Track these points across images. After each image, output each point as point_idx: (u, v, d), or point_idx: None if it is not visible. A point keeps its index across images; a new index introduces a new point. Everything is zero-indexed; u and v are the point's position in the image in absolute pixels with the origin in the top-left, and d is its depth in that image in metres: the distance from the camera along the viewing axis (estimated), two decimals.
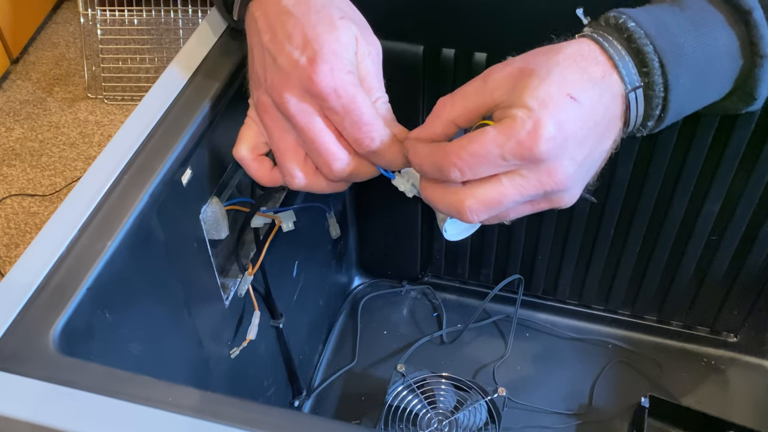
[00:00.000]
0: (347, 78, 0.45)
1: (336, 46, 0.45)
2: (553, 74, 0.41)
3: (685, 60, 0.43)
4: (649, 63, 0.42)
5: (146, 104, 0.55)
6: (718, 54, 0.44)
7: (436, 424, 0.79)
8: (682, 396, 0.87)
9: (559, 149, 0.41)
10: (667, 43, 0.43)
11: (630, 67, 0.43)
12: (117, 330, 0.47)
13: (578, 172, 0.43)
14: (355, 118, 0.46)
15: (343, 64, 0.45)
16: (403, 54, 0.71)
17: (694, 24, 0.44)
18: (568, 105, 0.41)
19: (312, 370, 0.92)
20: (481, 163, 0.41)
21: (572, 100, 0.41)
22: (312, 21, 0.46)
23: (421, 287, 1.00)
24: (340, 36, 0.46)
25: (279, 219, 0.65)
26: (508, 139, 0.40)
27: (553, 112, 0.40)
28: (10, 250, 1.51)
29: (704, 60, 0.44)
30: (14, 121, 1.83)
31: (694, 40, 0.43)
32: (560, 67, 0.42)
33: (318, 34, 0.45)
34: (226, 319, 0.65)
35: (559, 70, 0.42)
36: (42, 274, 0.44)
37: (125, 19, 1.89)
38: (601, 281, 0.89)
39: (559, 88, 0.41)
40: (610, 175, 0.75)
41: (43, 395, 0.39)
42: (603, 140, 0.44)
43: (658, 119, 0.45)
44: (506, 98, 0.42)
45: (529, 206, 0.45)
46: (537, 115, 0.40)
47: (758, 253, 0.78)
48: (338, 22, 0.46)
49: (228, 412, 0.38)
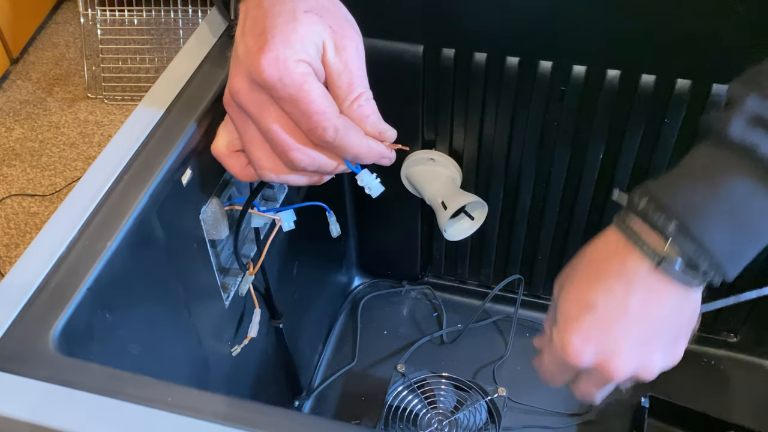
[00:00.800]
0: (295, 66, 0.44)
1: (291, 36, 0.44)
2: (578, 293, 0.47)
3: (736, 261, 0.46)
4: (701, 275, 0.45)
5: (146, 104, 0.55)
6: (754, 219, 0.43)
7: (436, 424, 0.79)
8: (682, 396, 0.87)
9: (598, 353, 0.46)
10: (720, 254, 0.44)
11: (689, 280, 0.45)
12: (117, 330, 0.47)
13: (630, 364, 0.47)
14: (303, 107, 0.44)
15: (293, 53, 0.44)
16: (403, 54, 0.71)
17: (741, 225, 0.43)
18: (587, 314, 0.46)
19: (312, 370, 0.92)
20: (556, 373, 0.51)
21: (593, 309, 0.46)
22: (275, 13, 0.45)
23: (421, 287, 1.00)
24: (298, 27, 0.44)
25: (279, 219, 0.65)
26: (551, 354, 0.50)
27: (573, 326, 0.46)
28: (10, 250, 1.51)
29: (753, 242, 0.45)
30: (14, 121, 1.83)
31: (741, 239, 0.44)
32: (588, 279, 0.46)
33: (275, 24, 0.44)
34: (226, 319, 0.65)
35: (578, 281, 0.47)
36: (42, 274, 0.44)
37: (125, 19, 1.89)
38: None
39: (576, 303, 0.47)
40: (611, 175, 0.75)
41: (43, 395, 0.39)
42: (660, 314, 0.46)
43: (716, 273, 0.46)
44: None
45: None
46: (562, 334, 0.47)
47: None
48: (301, 15, 0.45)
49: (228, 412, 0.38)
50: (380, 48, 0.71)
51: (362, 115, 0.47)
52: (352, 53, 0.46)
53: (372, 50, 0.70)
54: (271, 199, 0.69)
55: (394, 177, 0.81)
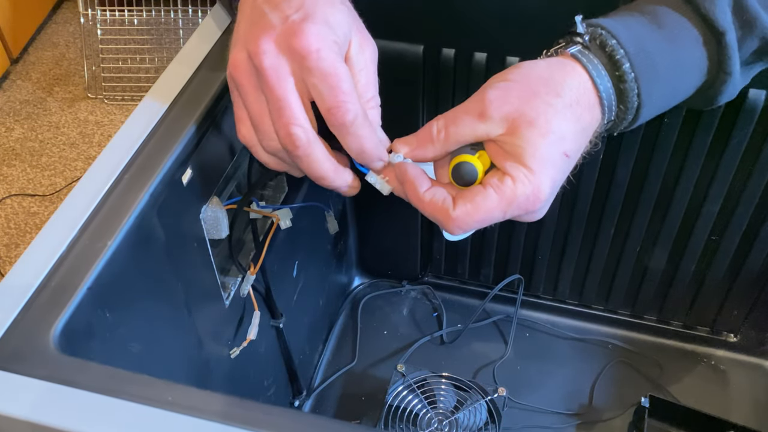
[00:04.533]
0: (333, 47, 0.43)
1: (330, 18, 0.44)
2: (553, 130, 0.43)
3: (659, 80, 0.46)
4: (629, 95, 0.45)
5: (146, 104, 0.55)
6: (689, 70, 0.47)
7: (436, 424, 0.79)
8: (682, 396, 0.87)
9: (548, 200, 0.45)
10: (645, 67, 0.45)
11: (613, 105, 0.46)
12: (117, 329, 0.47)
13: (553, 194, 0.46)
14: (334, 84, 0.43)
15: (334, 34, 0.44)
16: (403, 54, 0.71)
17: (672, 43, 0.45)
18: (563, 163, 0.44)
19: (312, 370, 0.92)
20: (484, 224, 0.45)
21: (566, 157, 0.44)
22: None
23: (421, 287, 1.00)
24: (336, 14, 0.45)
25: (276, 216, 0.65)
26: (510, 205, 0.44)
27: (550, 173, 0.44)
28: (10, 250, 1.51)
29: (676, 77, 0.46)
30: (14, 121, 1.83)
31: (669, 61, 0.46)
32: (559, 119, 0.44)
33: (316, 3, 0.44)
34: (226, 319, 0.65)
35: (558, 123, 0.44)
36: (42, 274, 0.44)
37: (125, 19, 1.89)
38: (601, 281, 0.89)
39: (557, 148, 0.44)
40: (611, 175, 0.75)
41: (43, 395, 0.39)
42: (578, 156, 0.46)
43: (624, 127, 0.49)
44: (503, 140, 0.44)
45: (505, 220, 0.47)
46: (537, 179, 0.43)
47: (758, 253, 0.78)
48: (338, 3, 0.45)
49: (228, 411, 0.38)
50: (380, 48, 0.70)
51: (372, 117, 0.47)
52: (370, 56, 0.47)
53: None
54: (271, 199, 0.69)
55: None
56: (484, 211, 0.44)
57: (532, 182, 0.43)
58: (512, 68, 0.46)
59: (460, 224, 0.45)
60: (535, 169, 0.43)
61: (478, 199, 0.44)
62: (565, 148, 0.44)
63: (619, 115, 0.46)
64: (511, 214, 0.44)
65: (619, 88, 0.45)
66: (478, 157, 0.45)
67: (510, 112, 0.43)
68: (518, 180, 0.43)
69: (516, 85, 0.44)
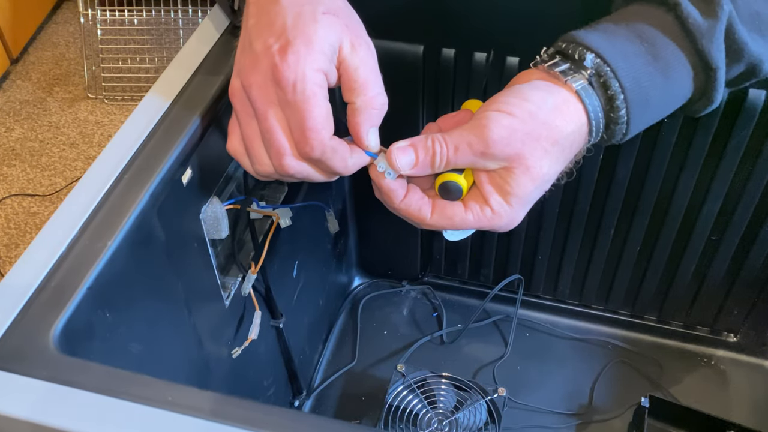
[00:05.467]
0: (311, 74, 0.44)
1: (312, 38, 0.45)
2: (543, 176, 0.47)
3: (648, 111, 0.48)
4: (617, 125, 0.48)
5: (146, 104, 0.55)
6: (676, 99, 0.49)
7: (436, 424, 0.79)
8: (682, 396, 0.87)
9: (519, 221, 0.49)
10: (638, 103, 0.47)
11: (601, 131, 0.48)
12: (117, 329, 0.47)
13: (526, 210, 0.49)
14: (300, 119, 0.45)
15: (314, 58, 0.45)
16: (403, 54, 0.71)
17: (665, 77, 0.47)
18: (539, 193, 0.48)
19: (312, 370, 0.92)
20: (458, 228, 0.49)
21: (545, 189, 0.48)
22: (295, 12, 0.45)
23: (421, 287, 1.00)
24: (319, 29, 0.45)
25: (276, 215, 0.65)
26: (482, 227, 0.48)
27: (527, 208, 0.48)
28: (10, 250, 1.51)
29: (663, 106, 0.49)
30: (14, 121, 1.83)
31: (660, 94, 0.47)
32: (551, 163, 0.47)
33: (296, 25, 0.45)
34: (226, 319, 0.65)
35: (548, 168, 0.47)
36: (42, 274, 0.44)
37: (125, 19, 1.89)
38: (601, 281, 0.89)
39: (541, 190, 0.48)
40: (611, 175, 0.75)
41: (43, 395, 0.39)
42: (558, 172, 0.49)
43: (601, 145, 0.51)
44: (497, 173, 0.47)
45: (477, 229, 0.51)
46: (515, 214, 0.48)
47: (758, 253, 0.78)
48: (320, 16, 0.45)
49: (228, 411, 0.38)
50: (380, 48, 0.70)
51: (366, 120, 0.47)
52: (366, 52, 0.47)
53: None
54: (271, 199, 0.69)
55: None
56: (457, 224, 0.48)
57: (510, 215, 0.48)
58: (517, 100, 0.47)
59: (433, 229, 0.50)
60: (515, 206, 0.47)
61: (456, 217, 0.48)
62: (546, 187, 0.48)
63: (603, 138, 0.49)
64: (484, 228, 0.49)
65: (609, 117, 0.47)
66: (463, 177, 0.48)
67: (510, 154, 0.46)
68: (497, 213, 0.47)
69: (520, 127, 0.46)
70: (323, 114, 0.45)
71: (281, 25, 0.45)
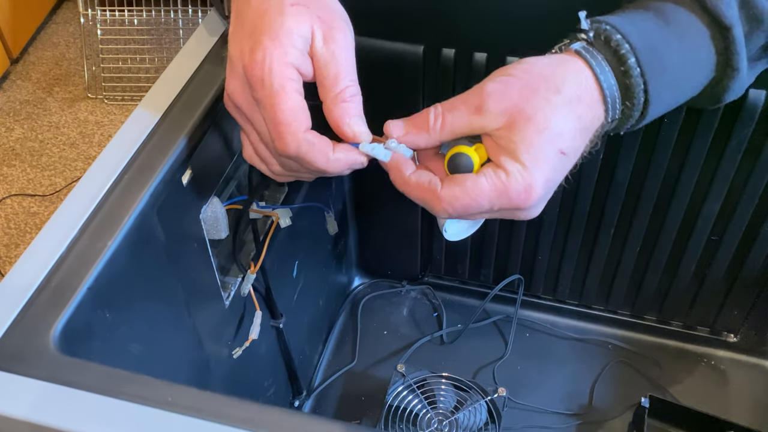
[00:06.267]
0: (279, 68, 0.43)
1: (279, 32, 0.44)
2: (550, 127, 0.43)
3: (666, 76, 0.45)
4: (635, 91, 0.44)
5: (146, 104, 0.55)
6: (697, 66, 0.46)
7: (436, 424, 0.79)
8: (682, 396, 0.87)
9: (542, 199, 0.44)
10: (653, 62, 0.44)
11: (618, 102, 0.45)
12: (117, 330, 0.47)
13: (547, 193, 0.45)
14: (270, 113, 0.44)
15: (282, 52, 0.43)
16: (403, 54, 0.71)
17: (680, 39, 0.45)
18: (558, 161, 0.43)
19: (312, 370, 0.92)
20: (471, 211, 0.44)
21: (563, 155, 0.43)
22: (263, 9, 0.45)
23: (421, 287, 1.00)
24: (286, 21, 0.44)
25: (276, 215, 0.65)
26: (499, 197, 0.43)
27: (544, 170, 0.43)
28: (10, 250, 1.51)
29: (684, 73, 0.46)
30: (14, 121, 1.83)
31: (678, 58, 0.45)
32: (557, 116, 0.43)
33: (264, 22, 0.44)
34: (226, 319, 0.65)
35: (556, 120, 0.43)
36: (42, 274, 0.44)
37: (125, 19, 1.89)
38: (601, 281, 0.89)
39: (553, 145, 0.43)
40: (611, 174, 0.75)
41: (43, 395, 0.39)
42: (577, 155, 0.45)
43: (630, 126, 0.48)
44: (499, 134, 0.43)
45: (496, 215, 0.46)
46: (530, 176, 0.43)
47: (758, 253, 0.78)
48: (288, 8, 0.44)
49: (228, 412, 0.38)
50: (380, 48, 0.71)
51: (342, 113, 0.46)
52: (340, 43, 0.46)
53: (372, 50, 0.71)
54: (271, 199, 0.69)
55: None
56: (472, 196, 0.43)
57: (525, 178, 0.43)
58: (515, 63, 0.46)
59: (446, 206, 0.44)
60: (529, 165, 0.43)
61: (469, 184, 0.43)
62: (562, 146, 0.43)
63: (625, 112, 0.46)
64: (500, 207, 0.44)
65: (624, 84, 0.44)
66: (475, 150, 0.45)
67: (508, 107, 0.43)
68: (511, 174, 0.43)
69: (516, 81, 0.44)
70: (294, 107, 0.44)
71: (250, 25, 0.45)
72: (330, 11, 0.46)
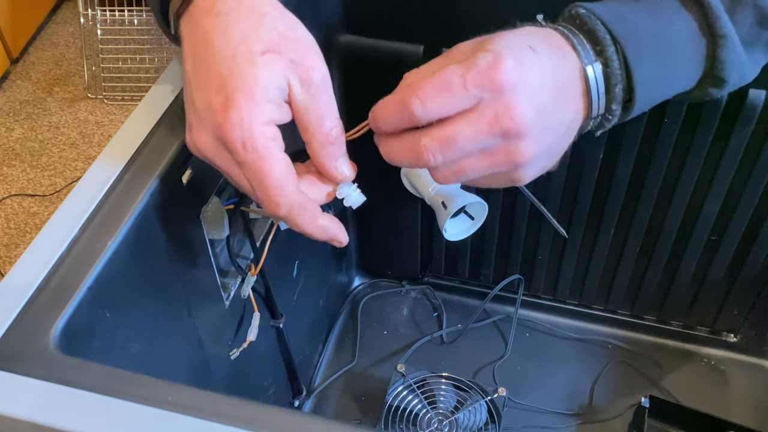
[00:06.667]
0: (259, 130, 0.41)
1: (253, 88, 0.41)
2: (513, 34, 0.43)
3: (641, 41, 0.44)
4: (602, 41, 0.43)
5: (146, 104, 0.55)
6: (677, 37, 0.45)
7: (436, 424, 0.79)
8: (682, 396, 0.87)
9: (518, 83, 0.41)
10: (622, 27, 0.43)
11: (585, 44, 0.44)
12: (117, 329, 0.47)
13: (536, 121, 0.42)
14: (260, 179, 0.42)
15: (259, 110, 0.41)
16: (403, 54, 0.71)
17: (649, 11, 0.44)
18: (527, 51, 0.42)
19: (312, 370, 0.92)
20: (443, 93, 0.41)
21: (531, 49, 0.42)
22: (228, 56, 0.41)
23: (421, 287, 1.00)
24: (259, 75, 0.41)
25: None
26: (468, 70, 0.40)
27: (512, 52, 0.41)
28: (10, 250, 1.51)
29: (663, 42, 0.44)
30: (14, 121, 1.83)
31: (649, 23, 0.44)
32: (521, 31, 0.44)
33: (233, 74, 0.41)
34: (226, 319, 0.65)
35: (520, 33, 0.43)
36: (42, 274, 0.44)
37: (125, 19, 1.89)
38: (601, 281, 0.89)
39: (520, 40, 0.42)
40: (611, 174, 0.75)
41: (43, 395, 0.39)
42: (562, 105, 0.43)
43: (626, 105, 0.45)
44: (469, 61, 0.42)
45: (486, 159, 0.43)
46: (498, 51, 0.41)
47: (758, 253, 0.78)
48: (258, 59, 0.41)
49: (228, 411, 0.38)
50: (380, 48, 0.71)
51: (329, 157, 0.45)
52: (318, 85, 0.43)
53: (372, 50, 0.71)
54: None
55: (394, 177, 0.81)
56: (441, 75, 0.41)
57: (492, 53, 0.41)
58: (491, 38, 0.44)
59: (418, 91, 0.41)
60: (494, 48, 0.41)
61: (436, 68, 0.42)
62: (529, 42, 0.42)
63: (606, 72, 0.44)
64: (475, 87, 0.40)
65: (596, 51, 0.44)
66: None
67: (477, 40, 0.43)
68: (478, 55, 0.41)
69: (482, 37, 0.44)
70: (282, 169, 0.42)
71: (217, 75, 0.41)
72: (302, 49, 0.43)
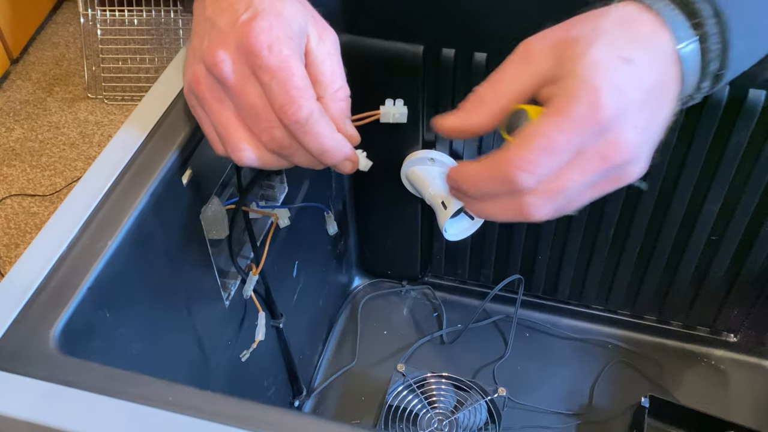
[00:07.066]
0: (286, 40, 0.42)
1: (283, 12, 0.42)
2: (599, 39, 0.38)
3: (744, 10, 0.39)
4: (700, 12, 0.39)
5: (146, 104, 0.55)
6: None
7: (436, 424, 0.79)
8: (682, 396, 0.87)
9: (621, 116, 0.37)
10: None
11: (679, 21, 0.39)
12: (117, 329, 0.47)
13: (642, 141, 0.39)
14: (284, 78, 0.41)
15: (286, 28, 0.42)
16: (403, 54, 0.71)
17: None
18: (621, 67, 0.37)
19: (312, 370, 0.92)
20: (550, 155, 0.37)
21: (625, 62, 0.37)
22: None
23: (421, 287, 1.00)
24: (286, 7, 0.43)
25: (275, 215, 0.65)
26: (568, 119, 0.36)
27: (606, 76, 0.37)
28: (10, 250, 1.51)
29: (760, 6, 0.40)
30: (14, 121, 1.83)
31: None
32: (606, 31, 0.38)
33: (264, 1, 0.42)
34: (226, 319, 0.65)
35: (605, 35, 0.38)
36: (42, 274, 0.44)
37: (125, 19, 1.89)
38: (601, 281, 0.89)
39: (609, 52, 0.37)
40: None
41: (43, 395, 0.39)
42: (661, 105, 0.40)
43: (716, 78, 0.41)
44: (554, 72, 0.39)
45: (595, 190, 0.41)
46: (591, 83, 0.36)
47: (758, 253, 0.78)
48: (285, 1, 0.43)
49: (228, 412, 0.38)
50: (380, 48, 0.71)
51: (340, 112, 0.45)
52: (332, 44, 0.45)
53: (372, 50, 0.71)
54: (271, 199, 0.69)
55: (394, 177, 0.81)
56: (542, 135, 0.36)
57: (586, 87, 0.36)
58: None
59: (522, 163, 0.37)
60: (585, 74, 0.36)
61: (529, 129, 0.37)
62: (619, 53, 0.37)
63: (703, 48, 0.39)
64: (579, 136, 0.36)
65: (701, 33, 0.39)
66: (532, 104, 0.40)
67: (553, 42, 0.39)
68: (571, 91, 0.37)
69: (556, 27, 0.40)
70: (304, 75, 0.42)
71: (243, 3, 0.42)
72: (320, 17, 0.46)
